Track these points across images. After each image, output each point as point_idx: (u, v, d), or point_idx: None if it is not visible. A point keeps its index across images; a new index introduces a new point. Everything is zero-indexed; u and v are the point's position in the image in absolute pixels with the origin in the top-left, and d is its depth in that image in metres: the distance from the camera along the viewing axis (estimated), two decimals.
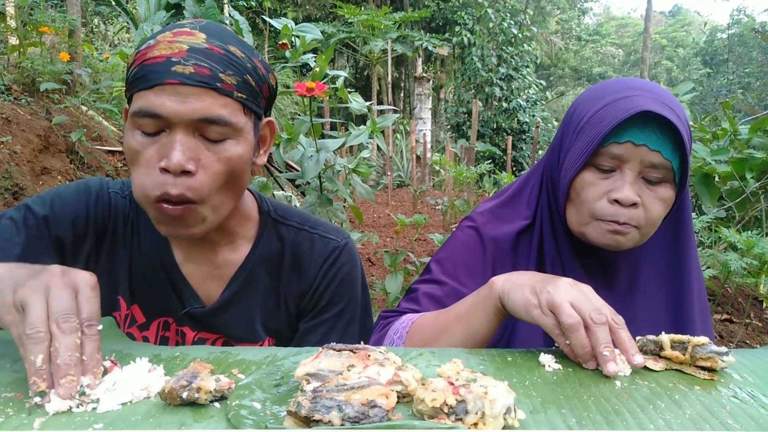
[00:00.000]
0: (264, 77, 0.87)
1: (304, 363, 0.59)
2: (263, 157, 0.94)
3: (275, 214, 1.01)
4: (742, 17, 22.96)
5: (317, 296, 0.98)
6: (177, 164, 0.76)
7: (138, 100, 0.79)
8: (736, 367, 0.70)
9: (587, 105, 0.93)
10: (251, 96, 0.84)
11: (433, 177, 9.36)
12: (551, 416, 0.56)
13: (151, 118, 0.78)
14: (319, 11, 15.21)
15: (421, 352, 0.72)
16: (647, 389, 0.63)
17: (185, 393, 0.55)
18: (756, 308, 2.81)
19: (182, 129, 0.78)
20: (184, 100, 0.77)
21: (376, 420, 0.50)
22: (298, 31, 1.93)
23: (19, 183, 3.21)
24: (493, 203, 1.07)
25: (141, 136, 0.79)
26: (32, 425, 0.52)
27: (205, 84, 0.77)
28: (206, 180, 0.80)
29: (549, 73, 26.95)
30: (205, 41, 0.80)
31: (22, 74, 3.97)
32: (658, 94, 0.89)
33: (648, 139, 0.86)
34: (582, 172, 0.90)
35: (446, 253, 1.04)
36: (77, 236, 0.92)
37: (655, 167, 0.87)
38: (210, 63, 0.78)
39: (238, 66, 0.81)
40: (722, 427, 0.55)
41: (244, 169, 0.85)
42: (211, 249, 0.95)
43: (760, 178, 2.80)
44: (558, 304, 0.69)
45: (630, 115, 0.84)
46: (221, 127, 0.80)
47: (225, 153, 0.81)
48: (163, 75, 0.77)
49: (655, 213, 0.89)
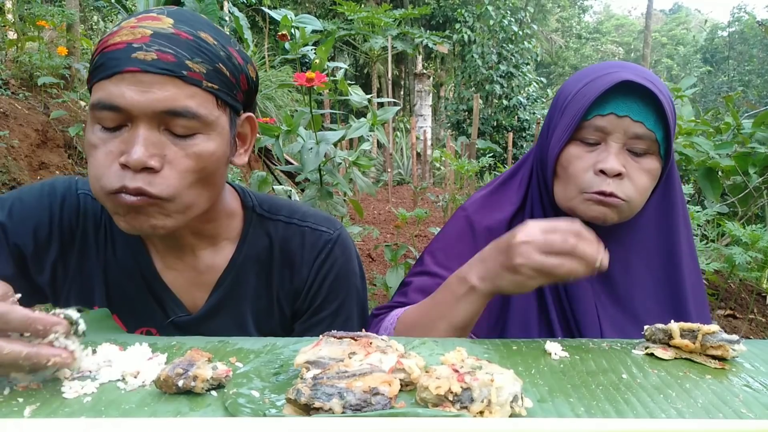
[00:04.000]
0: (241, 67, 0.79)
1: (304, 351, 0.58)
2: (243, 157, 0.86)
3: (261, 209, 0.93)
4: (743, 15, 22.92)
5: (312, 295, 0.92)
6: (138, 160, 0.69)
7: (97, 91, 0.71)
8: (748, 356, 0.69)
9: (571, 85, 0.95)
10: (224, 87, 0.75)
11: (434, 173, 9.34)
12: (559, 405, 0.55)
13: (110, 111, 0.70)
14: (319, 9, 15.16)
15: (424, 340, 0.70)
16: (657, 378, 0.62)
17: (181, 381, 0.54)
18: (760, 304, 2.79)
19: (145, 122, 0.70)
20: (145, 89, 0.69)
21: (379, 408, 0.49)
22: (297, 22, 1.91)
23: (17, 178, 3.19)
24: (484, 192, 1.08)
25: (101, 131, 0.72)
26: (23, 413, 0.50)
27: (170, 71, 0.70)
28: (173, 177, 0.72)
29: (549, 71, 26.91)
30: (171, 26, 0.72)
31: (20, 69, 3.94)
32: (639, 70, 0.91)
33: (631, 110, 0.87)
34: (567, 147, 0.92)
35: (439, 243, 1.05)
36: (39, 244, 0.84)
37: (639, 138, 0.88)
38: (175, 49, 0.70)
39: (209, 53, 0.73)
40: (736, 416, 0.54)
41: (217, 167, 0.77)
42: (192, 254, 0.88)
43: (762, 173, 2.78)
44: (539, 266, 0.72)
45: (611, 85, 0.86)
46: (188, 120, 0.71)
47: (194, 148, 0.73)
48: (123, 62, 0.69)
49: (641, 184, 0.89)
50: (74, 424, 0.46)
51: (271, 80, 6.01)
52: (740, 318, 2.59)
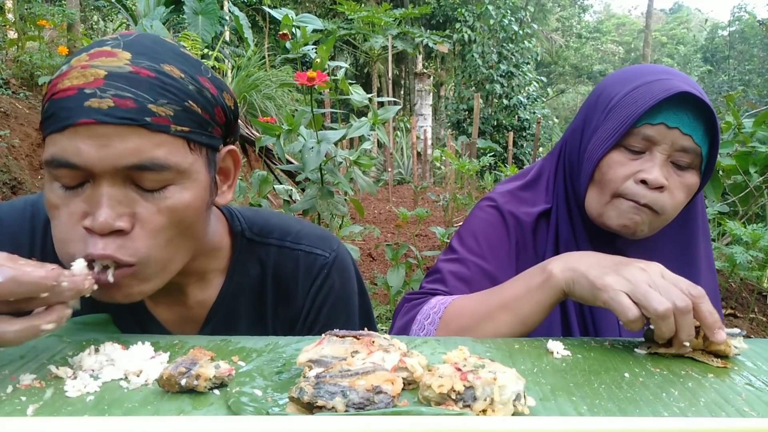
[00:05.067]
0: (215, 99, 0.69)
1: (307, 349, 0.58)
2: (228, 194, 0.77)
3: (251, 233, 0.86)
4: (743, 14, 22.92)
5: (310, 322, 0.87)
6: (103, 224, 0.61)
7: (50, 146, 0.62)
8: (750, 355, 0.69)
9: (617, 86, 0.91)
10: (197, 127, 0.67)
11: (435, 172, 9.34)
12: (561, 403, 0.55)
13: (67, 169, 0.61)
14: (319, 8, 15.17)
15: (426, 339, 0.70)
16: (660, 377, 0.62)
17: (184, 380, 0.54)
18: (760, 303, 2.80)
19: (108, 180, 0.62)
20: (104, 143, 0.60)
21: (382, 406, 0.49)
22: (298, 22, 1.91)
23: (18, 177, 3.19)
24: (513, 185, 1.04)
25: (60, 190, 0.63)
26: (26, 411, 0.50)
27: (130, 120, 0.61)
28: (145, 238, 0.64)
29: (549, 70, 26.90)
30: (129, 62, 0.62)
31: (21, 68, 3.95)
32: (687, 79, 0.88)
33: (681, 122, 0.84)
34: (610, 152, 0.88)
35: (468, 231, 1.00)
36: None
37: (686, 151, 0.85)
38: (135, 92, 0.61)
39: (176, 91, 0.64)
40: (738, 414, 0.54)
41: (195, 218, 0.69)
42: (180, 291, 0.82)
43: (763, 172, 2.78)
44: (644, 293, 0.66)
45: (667, 96, 0.83)
46: (158, 173, 0.63)
47: (166, 202, 0.65)
48: (75, 112, 0.60)
49: (678, 199, 0.87)
50: (78, 423, 0.46)
51: (271, 80, 6.01)
52: (741, 317, 2.59)
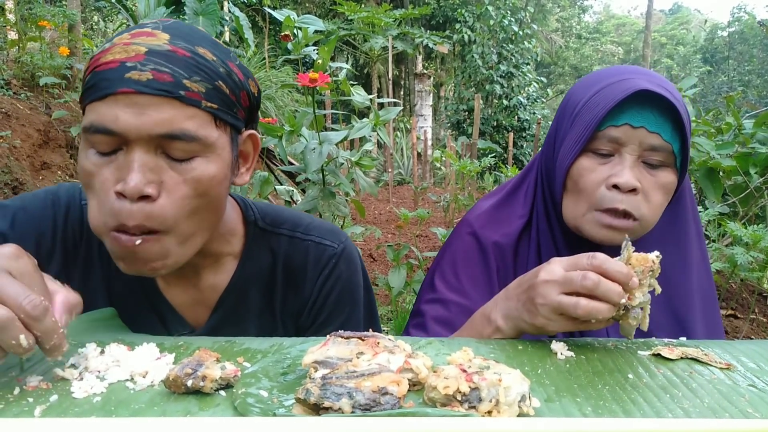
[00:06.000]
0: (241, 84, 0.75)
1: (312, 350, 0.58)
2: (245, 176, 0.82)
3: (263, 222, 0.90)
4: (743, 15, 22.93)
5: (316, 311, 0.90)
6: (134, 188, 0.65)
7: (89, 113, 0.68)
8: (753, 356, 0.69)
9: (581, 92, 0.90)
10: (224, 106, 0.72)
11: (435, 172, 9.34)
12: (566, 405, 0.55)
13: (103, 135, 0.66)
14: (319, 8, 15.16)
15: (430, 340, 0.71)
16: (663, 378, 0.62)
17: (190, 381, 0.54)
18: (761, 304, 2.80)
19: (141, 146, 0.67)
20: (140, 112, 0.65)
21: (388, 407, 0.49)
22: (300, 23, 1.91)
23: (19, 178, 3.19)
24: (489, 203, 1.03)
25: (95, 156, 0.68)
26: (33, 413, 0.50)
27: (166, 92, 0.66)
28: (170, 206, 0.68)
29: (549, 71, 26.90)
30: (168, 42, 0.68)
31: (22, 69, 3.95)
32: (653, 76, 0.86)
33: (646, 120, 0.83)
34: (579, 159, 0.87)
35: (448, 264, 0.99)
36: (42, 255, 0.81)
37: (656, 150, 0.83)
38: (172, 67, 0.67)
39: (208, 71, 0.70)
40: (742, 415, 0.54)
41: (218, 192, 0.74)
42: (194, 272, 0.86)
43: (764, 173, 2.78)
44: (557, 306, 0.68)
45: (627, 95, 0.81)
46: (187, 143, 0.68)
47: (193, 173, 0.70)
48: (116, 83, 0.65)
49: (656, 200, 0.85)
50: (85, 424, 0.46)
51: (271, 80, 6.02)
52: (741, 318, 2.60)
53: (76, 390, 0.55)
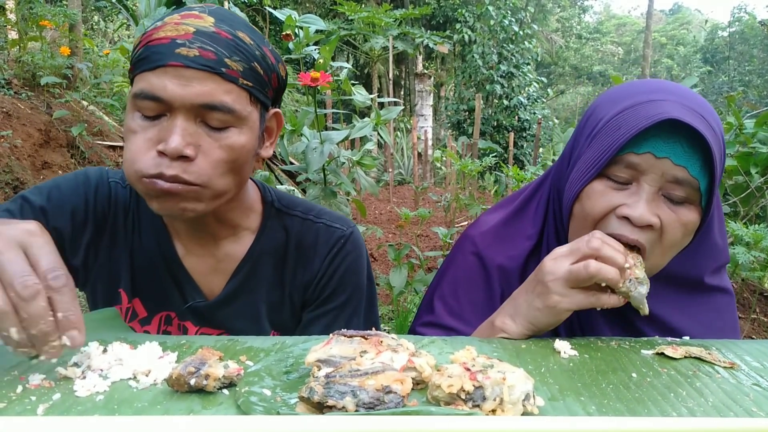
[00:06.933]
0: (273, 66, 0.84)
1: (315, 349, 0.58)
2: (269, 150, 0.91)
3: (279, 204, 0.98)
4: (743, 15, 22.92)
5: (321, 285, 0.96)
6: (175, 149, 0.74)
7: (140, 82, 0.76)
8: (757, 355, 0.69)
9: (604, 108, 0.80)
10: (258, 84, 0.81)
11: (435, 172, 9.34)
12: (570, 403, 0.55)
13: (151, 101, 0.75)
14: (319, 8, 15.16)
15: (433, 339, 0.71)
16: (667, 377, 0.62)
17: (193, 380, 0.54)
18: (762, 304, 2.80)
19: (183, 113, 0.75)
20: (186, 83, 0.74)
21: (392, 406, 0.49)
22: (301, 22, 1.91)
23: (20, 177, 3.19)
24: (497, 219, 0.95)
25: (141, 119, 0.77)
26: (36, 411, 0.50)
27: (210, 68, 0.75)
28: (206, 166, 0.77)
29: (549, 71, 26.90)
30: (213, 25, 0.77)
31: (23, 68, 3.95)
32: (688, 99, 0.75)
33: (672, 151, 0.72)
34: (592, 182, 0.77)
35: (449, 286, 0.94)
36: (76, 227, 0.89)
37: (679, 183, 0.73)
38: (216, 47, 0.76)
39: (246, 52, 0.79)
40: (747, 414, 0.54)
41: (246, 159, 0.82)
42: (214, 242, 0.93)
43: (764, 173, 2.78)
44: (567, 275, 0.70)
45: (652, 123, 0.71)
46: (224, 114, 0.77)
47: (227, 141, 0.78)
48: (167, 56, 0.74)
49: (673, 238, 0.74)
50: (88, 423, 0.46)
51: None
52: (743, 318, 2.59)
53: (79, 388, 0.54)
